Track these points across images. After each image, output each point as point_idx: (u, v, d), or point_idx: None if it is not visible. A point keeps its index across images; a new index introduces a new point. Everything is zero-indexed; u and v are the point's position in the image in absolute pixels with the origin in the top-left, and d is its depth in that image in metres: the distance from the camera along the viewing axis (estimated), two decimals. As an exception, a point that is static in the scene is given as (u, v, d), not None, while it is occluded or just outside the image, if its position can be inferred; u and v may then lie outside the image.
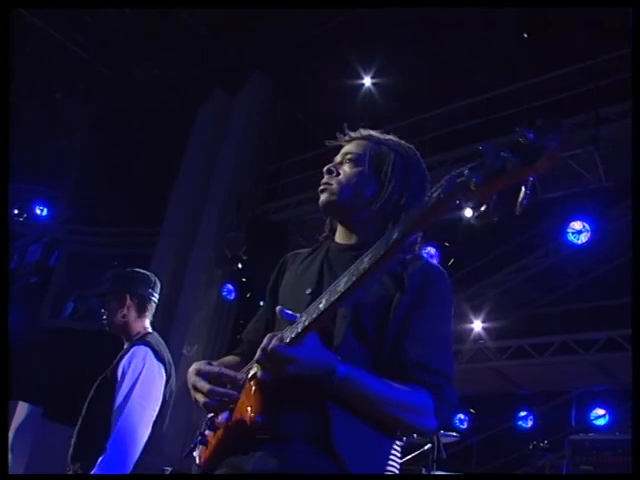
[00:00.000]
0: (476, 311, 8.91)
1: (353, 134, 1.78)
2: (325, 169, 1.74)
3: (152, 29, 9.17)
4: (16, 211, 11.52)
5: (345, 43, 8.90)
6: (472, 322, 8.86)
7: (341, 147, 1.80)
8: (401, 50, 8.74)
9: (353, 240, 1.71)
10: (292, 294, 1.68)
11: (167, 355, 2.75)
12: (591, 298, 8.21)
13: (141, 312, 2.82)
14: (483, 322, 8.75)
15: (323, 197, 1.71)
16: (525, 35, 8.85)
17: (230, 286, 9.80)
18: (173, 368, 2.76)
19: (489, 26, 8.42)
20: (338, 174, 1.71)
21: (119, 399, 2.52)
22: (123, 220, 11.27)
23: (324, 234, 1.81)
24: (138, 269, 2.96)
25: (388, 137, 1.79)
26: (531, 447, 5.19)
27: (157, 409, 2.61)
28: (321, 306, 1.39)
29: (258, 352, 1.41)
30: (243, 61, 10.10)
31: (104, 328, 2.88)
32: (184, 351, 9.42)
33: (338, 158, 1.76)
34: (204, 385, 1.55)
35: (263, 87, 10.88)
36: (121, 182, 10.59)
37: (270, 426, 1.47)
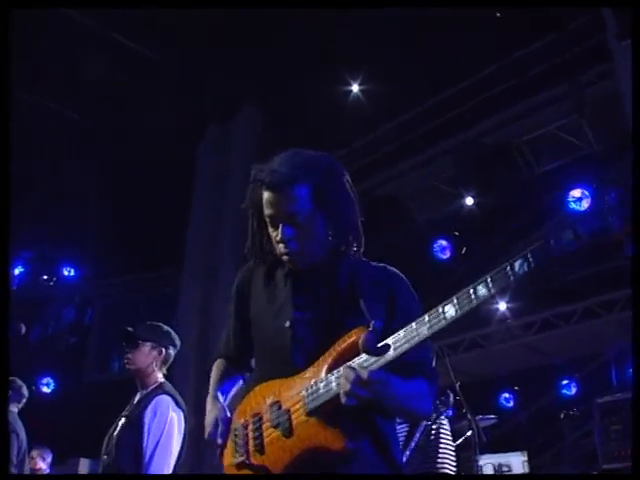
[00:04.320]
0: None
1: (271, 180, 1.75)
2: (279, 239, 1.75)
3: (136, 82, 9.51)
4: (45, 277, 11.85)
5: (330, 56, 9.01)
6: (498, 303, 8.95)
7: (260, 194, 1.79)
8: (385, 52, 8.83)
9: (314, 260, 1.79)
10: (272, 324, 1.80)
11: (183, 402, 3.10)
12: (604, 260, 8.27)
13: (163, 366, 3.18)
14: (507, 302, 8.83)
15: (291, 266, 1.79)
16: (498, 14, 8.96)
17: (257, 312, 9.96)
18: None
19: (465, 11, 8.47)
20: (293, 241, 1.74)
21: (150, 445, 2.87)
22: (146, 266, 11.56)
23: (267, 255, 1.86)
24: (169, 328, 3.28)
25: (300, 159, 1.82)
26: (562, 417, 5.22)
27: (178, 451, 2.96)
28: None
29: (348, 386, 1.49)
30: (232, 94, 10.35)
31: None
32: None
33: (276, 215, 1.75)
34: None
35: (256, 115, 11.12)
36: (138, 230, 10.90)
37: None
